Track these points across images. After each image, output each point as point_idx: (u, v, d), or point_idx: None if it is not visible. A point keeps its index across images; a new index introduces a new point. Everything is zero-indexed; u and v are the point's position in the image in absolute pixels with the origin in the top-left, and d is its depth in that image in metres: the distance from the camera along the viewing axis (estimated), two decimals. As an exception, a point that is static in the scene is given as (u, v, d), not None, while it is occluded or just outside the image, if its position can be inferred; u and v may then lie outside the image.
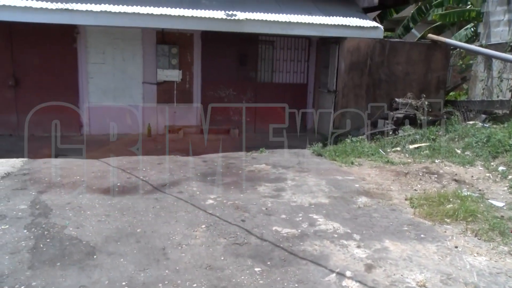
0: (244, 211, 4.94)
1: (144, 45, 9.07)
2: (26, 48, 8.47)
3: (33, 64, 8.49)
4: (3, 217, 4.53)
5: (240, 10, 8.01)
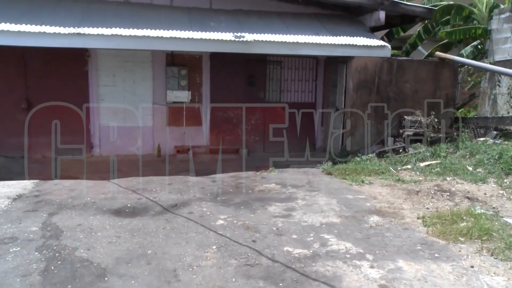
0: (254, 231, 4.90)
1: (154, 67, 9.22)
2: (39, 72, 8.65)
3: (45, 87, 8.64)
4: (15, 239, 4.55)
5: (248, 32, 8.12)
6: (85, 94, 8.93)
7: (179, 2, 8.98)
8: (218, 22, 8.47)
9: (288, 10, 9.43)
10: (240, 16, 8.95)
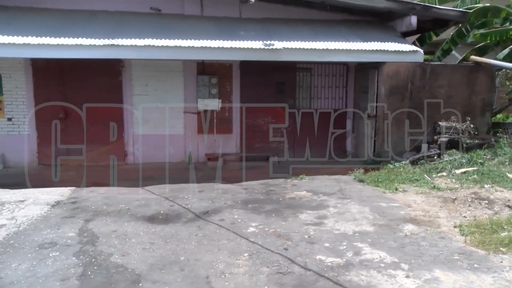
0: (286, 239, 4.87)
1: (185, 76, 9.38)
2: (75, 82, 8.96)
3: (81, 97, 8.93)
4: (54, 245, 4.70)
5: (277, 40, 8.15)
6: (119, 103, 9.17)
7: (210, 12, 9.12)
8: (247, 30, 8.55)
9: (317, 17, 9.42)
10: (269, 24, 9.00)
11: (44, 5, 8.59)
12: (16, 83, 8.86)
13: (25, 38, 7.27)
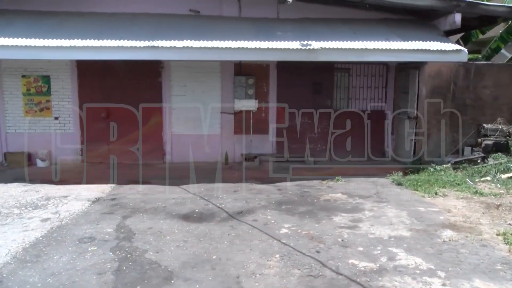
0: (319, 242, 4.82)
1: (223, 77, 9.48)
2: (118, 83, 9.27)
3: (122, 98, 9.22)
4: (93, 239, 4.88)
5: (314, 40, 8.07)
6: (158, 103, 9.40)
7: (247, 13, 9.17)
8: (284, 31, 8.52)
9: (355, 17, 9.25)
10: (306, 24, 8.93)
11: (90, 9, 8.94)
12: (63, 83, 9.28)
13: (71, 41, 7.59)
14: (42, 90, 9.26)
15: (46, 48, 7.45)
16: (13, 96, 9.26)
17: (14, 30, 7.91)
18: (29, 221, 5.50)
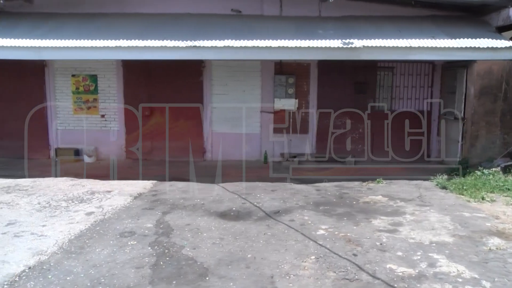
0: (356, 244, 4.72)
1: (263, 76, 9.51)
2: (160, 81, 9.54)
3: (165, 96, 9.45)
4: (133, 234, 5.04)
5: (357, 38, 7.90)
6: (199, 102, 9.56)
7: (289, 12, 9.12)
8: (326, 29, 8.40)
9: (400, 14, 8.96)
10: (349, 22, 8.76)
11: (135, 10, 9.22)
12: (109, 82, 9.66)
13: (117, 42, 7.85)
14: (90, 89, 9.67)
15: (94, 48, 7.75)
16: (64, 94, 9.74)
17: (65, 32, 8.29)
18: (75, 214, 5.76)
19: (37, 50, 7.79)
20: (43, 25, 8.62)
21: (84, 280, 3.87)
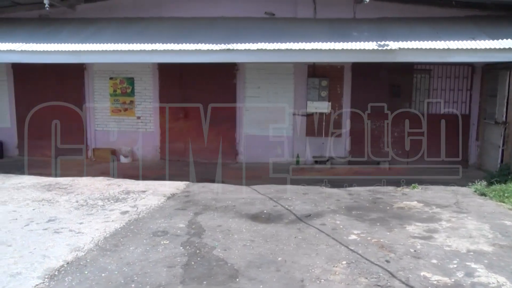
0: (389, 251, 4.62)
1: (296, 78, 9.48)
2: (195, 85, 9.68)
3: (199, 98, 9.58)
4: (165, 233, 5.13)
5: (393, 40, 7.75)
6: (232, 104, 9.64)
7: (323, 14, 9.06)
8: (361, 31, 8.29)
9: (438, 15, 8.71)
10: (384, 24, 8.61)
11: (171, 15, 9.41)
12: (145, 85, 9.90)
13: (153, 45, 8.04)
14: (127, 91, 9.95)
15: (131, 52, 7.98)
16: (102, 96, 10.06)
17: (104, 36, 8.58)
18: (111, 212, 5.93)
19: (77, 54, 8.12)
20: (84, 30, 8.96)
21: (118, 277, 3.98)
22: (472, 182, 7.36)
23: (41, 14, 9.57)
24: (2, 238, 4.93)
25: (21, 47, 8.26)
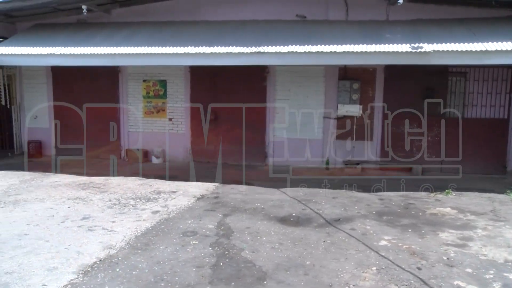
0: (421, 258, 4.50)
1: (326, 81, 9.40)
2: (223, 87, 9.76)
3: (229, 101, 9.65)
4: (195, 234, 5.20)
5: (427, 42, 7.56)
6: (263, 107, 9.66)
7: (355, 16, 8.96)
8: (394, 33, 8.14)
9: (476, 15, 8.44)
10: (419, 25, 8.42)
11: (203, 18, 9.55)
12: (177, 87, 10.07)
13: (185, 48, 8.18)
14: (159, 94, 10.15)
15: (164, 55, 8.13)
16: (135, 98, 10.30)
17: (138, 39, 8.79)
18: (142, 212, 6.06)
19: (112, 57, 8.35)
20: (118, 34, 9.22)
21: (148, 275, 4.06)
22: (510, 189, 7.08)
23: (79, 19, 9.92)
24: (41, 234, 5.12)
25: (60, 51, 8.58)
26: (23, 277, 3.97)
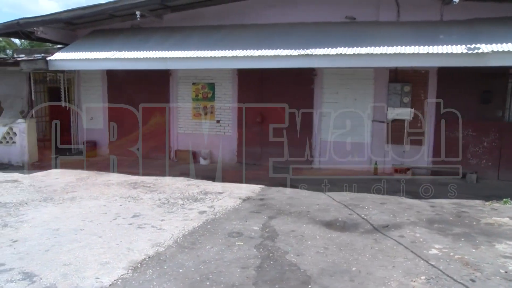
0: (475, 269, 4.28)
1: (376, 84, 9.19)
2: (271, 90, 9.79)
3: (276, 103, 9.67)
4: (240, 235, 5.25)
5: (484, 42, 7.21)
6: (310, 110, 9.59)
7: (407, 17, 8.71)
8: (448, 34, 7.82)
9: (541, 13, 7.95)
10: (475, 25, 8.04)
11: (252, 21, 9.65)
12: (225, 90, 10.23)
13: (234, 52, 8.31)
14: (208, 96, 10.36)
15: (213, 58, 8.31)
16: (185, 101, 10.58)
17: (188, 43, 9.04)
18: (189, 211, 6.20)
19: (163, 60, 8.65)
20: (170, 38, 9.52)
21: (194, 274, 4.15)
22: None
23: (133, 24, 10.35)
24: (94, 230, 5.38)
25: (114, 55, 9.00)
26: (79, 269, 4.19)
